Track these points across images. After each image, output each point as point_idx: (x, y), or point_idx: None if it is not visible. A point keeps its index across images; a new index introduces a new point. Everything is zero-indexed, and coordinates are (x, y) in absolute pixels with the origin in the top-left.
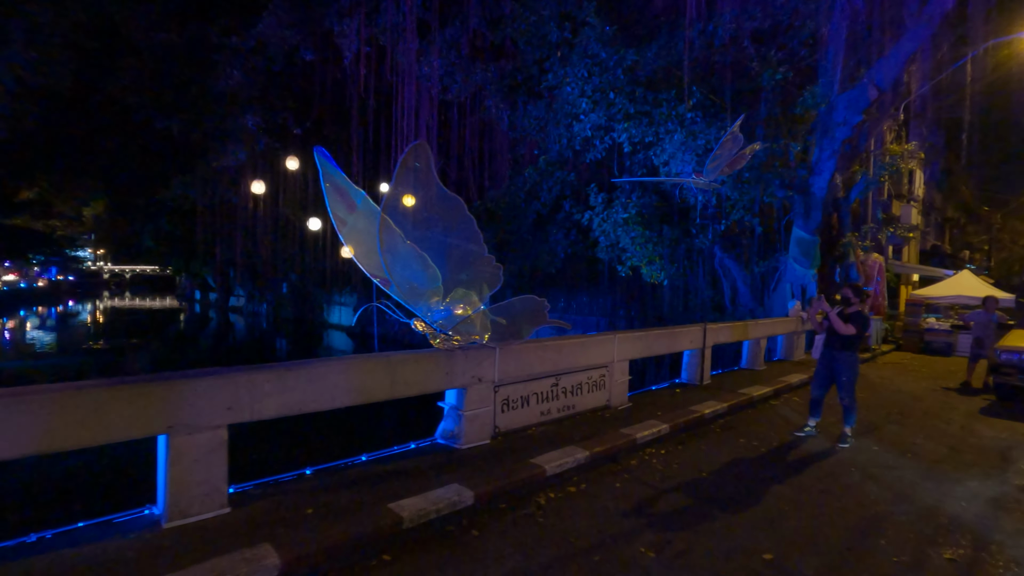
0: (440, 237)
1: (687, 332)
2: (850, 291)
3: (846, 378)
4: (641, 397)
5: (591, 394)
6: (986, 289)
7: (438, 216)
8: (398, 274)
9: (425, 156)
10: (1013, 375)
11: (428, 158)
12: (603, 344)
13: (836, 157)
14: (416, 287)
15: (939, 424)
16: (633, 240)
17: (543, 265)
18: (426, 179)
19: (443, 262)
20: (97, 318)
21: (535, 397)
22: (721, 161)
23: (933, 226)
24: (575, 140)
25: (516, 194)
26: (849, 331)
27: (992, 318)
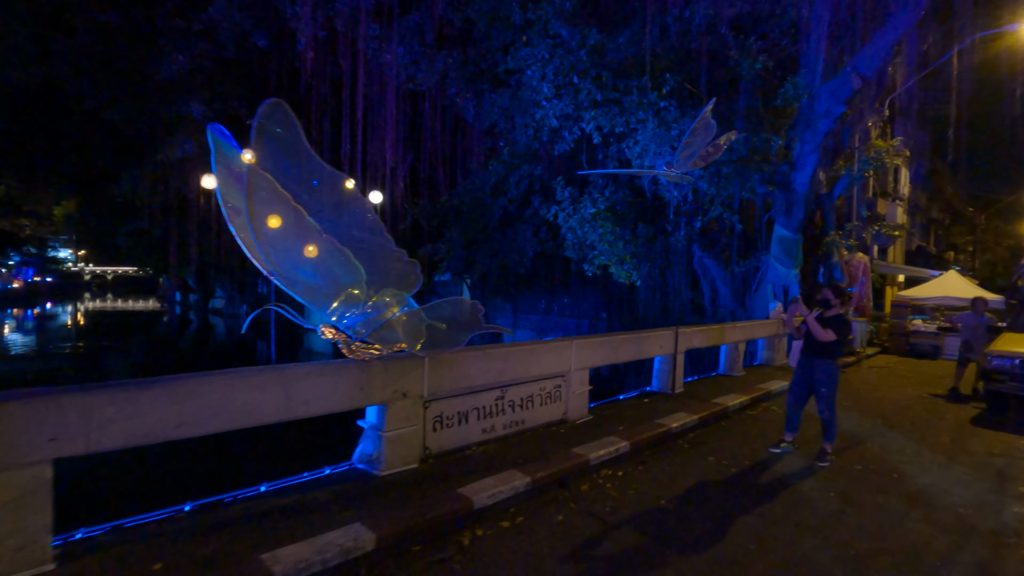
0: (329, 226)
1: (656, 337)
2: (830, 292)
3: (825, 389)
4: (605, 409)
5: (544, 407)
6: (973, 290)
7: (320, 199)
8: (292, 268)
9: (287, 119)
10: (1005, 382)
11: (293, 122)
12: (558, 351)
13: (819, 151)
14: (318, 287)
15: (928, 437)
16: (601, 237)
17: (511, 265)
18: (295, 149)
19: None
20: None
21: (476, 412)
22: (693, 151)
23: (918, 227)
24: (542, 131)
25: (482, 189)
26: (829, 337)
27: (981, 320)
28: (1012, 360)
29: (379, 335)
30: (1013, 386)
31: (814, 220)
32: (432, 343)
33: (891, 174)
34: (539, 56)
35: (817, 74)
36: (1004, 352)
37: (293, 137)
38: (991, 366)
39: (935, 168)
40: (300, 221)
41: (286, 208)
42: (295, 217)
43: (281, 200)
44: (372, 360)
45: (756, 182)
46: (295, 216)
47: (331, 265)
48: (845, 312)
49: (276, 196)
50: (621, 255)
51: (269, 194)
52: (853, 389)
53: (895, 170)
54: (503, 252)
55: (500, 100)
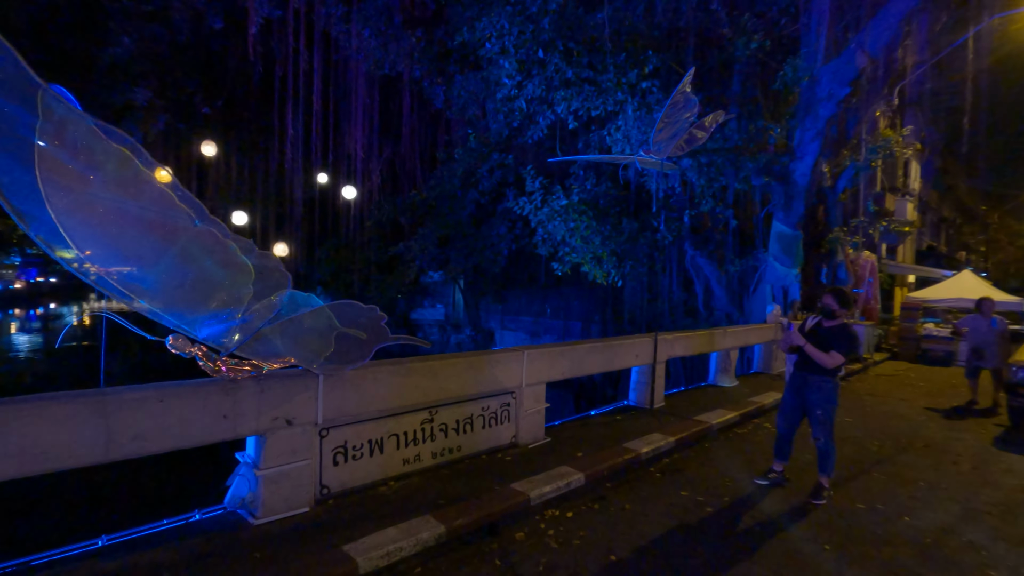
0: (130, 207)
1: (631, 345)
2: (833, 299)
3: (821, 412)
4: (567, 429)
5: (488, 431)
6: (983, 291)
7: (105, 173)
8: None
9: (13, 61)
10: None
11: (21, 66)
12: (504, 364)
13: (820, 138)
14: (181, 286)
15: (944, 464)
16: (572, 232)
17: (485, 263)
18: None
19: (147, 249)
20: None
21: (395, 440)
22: (674, 132)
23: (929, 226)
24: (513, 116)
25: (451, 182)
26: (834, 362)
27: (991, 324)
28: None
29: (253, 347)
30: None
31: (816, 215)
32: (343, 357)
33: (900, 168)
34: (497, 26)
35: (819, 54)
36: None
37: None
38: (1016, 378)
39: (946, 165)
40: (164, 203)
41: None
42: (159, 200)
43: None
44: (242, 380)
45: (752, 173)
46: (160, 199)
47: (204, 261)
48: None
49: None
50: (597, 253)
51: (125, 171)
52: (859, 401)
53: (905, 164)
54: (478, 250)
55: (469, 84)
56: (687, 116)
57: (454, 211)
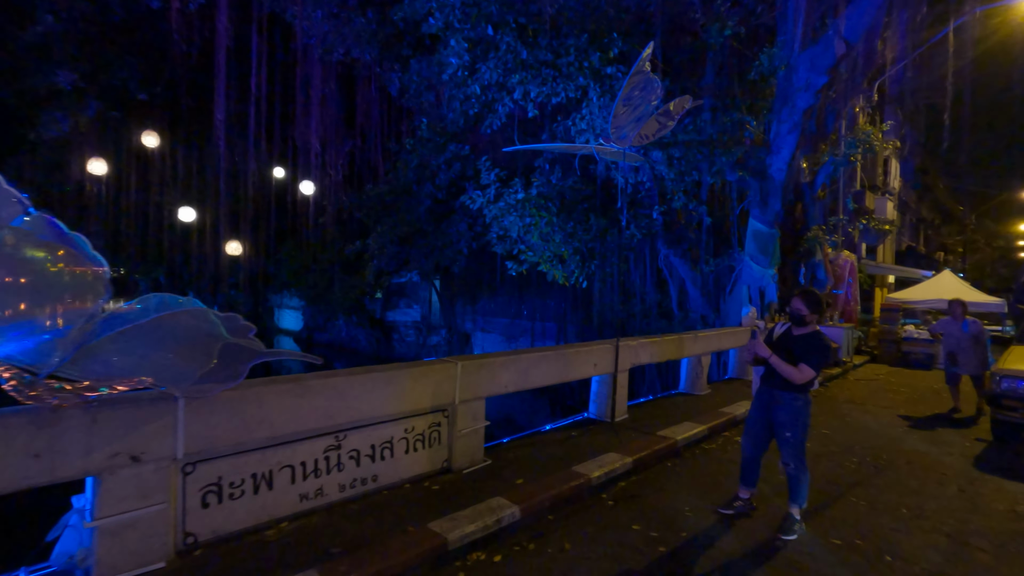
0: None
1: (589, 353)
2: (802, 303)
3: (790, 433)
4: (512, 448)
5: (413, 455)
6: (968, 292)
7: None
8: None
9: None
10: (1018, 409)
11: None
12: (433, 378)
13: (797, 131)
14: None
15: (929, 486)
16: (528, 229)
17: (445, 262)
18: None
19: None
20: None
21: (288, 472)
22: (635, 119)
23: (908, 226)
24: (469, 103)
25: (405, 175)
26: (804, 377)
27: (963, 327)
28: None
29: (84, 366)
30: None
31: (794, 213)
32: (216, 375)
33: (880, 165)
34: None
35: (796, 42)
36: (1017, 372)
37: None
38: (1000, 389)
39: (924, 165)
40: None
41: None
42: None
43: None
44: (67, 409)
45: (726, 167)
46: None
47: None
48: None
49: None
50: (558, 251)
51: None
52: (836, 409)
53: (885, 162)
54: (438, 248)
55: (424, 69)
56: (649, 100)
57: (410, 207)
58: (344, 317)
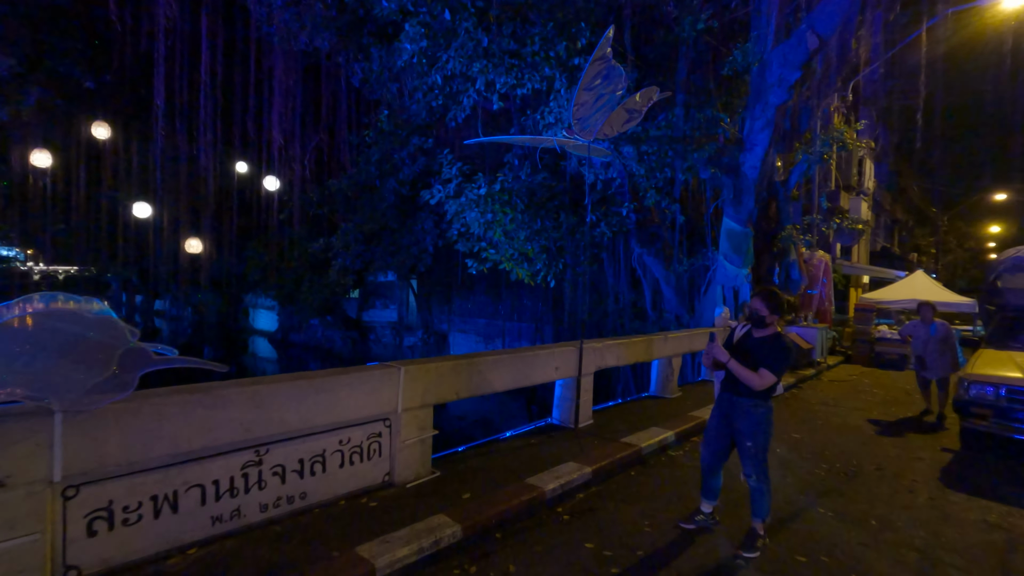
0: None
1: (550, 356)
2: (762, 302)
3: (752, 443)
4: (465, 458)
5: (350, 469)
6: (941, 293)
7: None
8: None
9: None
10: (987, 417)
11: None
12: (372, 385)
13: (771, 127)
14: None
15: (899, 494)
16: (490, 226)
17: (411, 261)
18: None
19: None
20: None
21: (198, 493)
22: (598, 109)
23: (883, 227)
24: (432, 95)
25: (367, 169)
26: (763, 383)
27: (931, 330)
28: (997, 388)
29: None
30: (1001, 425)
31: (768, 212)
32: (112, 383)
33: (855, 166)
34: None
35: (769, 37)
36: (985, 377)
37: None
38: (968, 396)
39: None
40: None
41: None
42: None
43: None
44: None
45: (698, 164)
46: None
47: None
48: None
49: None
50: (522, 249)
51: None
52: (809, 411)
53: (860, 162)
54: (403, 246)
55: (386, 58)
56: (614, 90)
57: (374, 203)
58: (320, 318)
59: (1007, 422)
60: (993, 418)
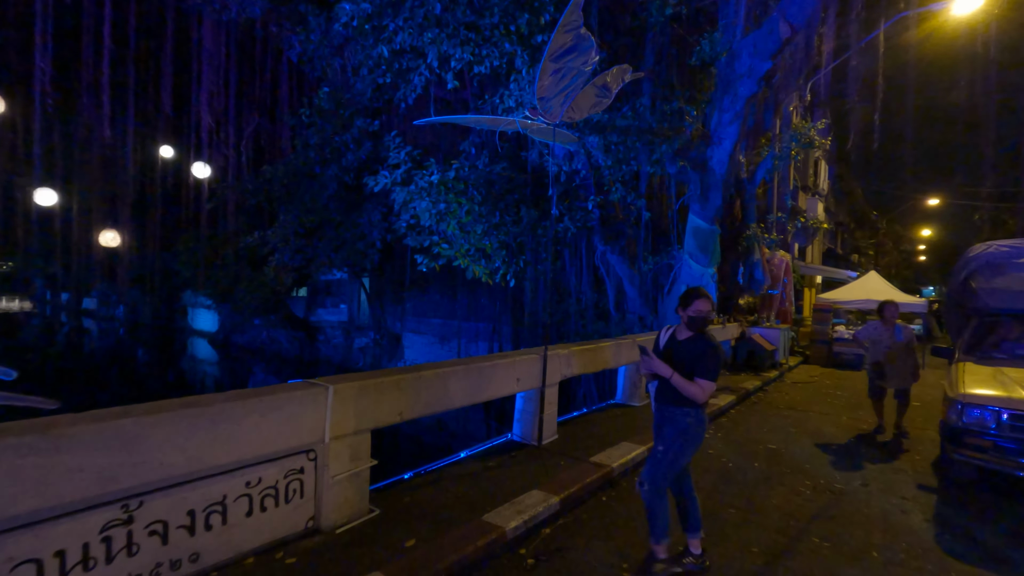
0: None
1: (510, 365)
2: (707, 303)
3: (662, 448)
4: (411, 489)
5: (260, 517)
6: (889, 292)
7: None
8: None
9: None
10: (988, 449)
11: None
12: (289, 409)
13: (739, 121)
14: None
15: (895, 516)
16: (443, 217)
17: (356, 257)
18: None
19: None
20: None
21: (29, 571)
22: (565, 87)
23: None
24: (379, 71)
25: (304, 154)
26: (699, 396)
27: (895, 334)
28: (1000, 412)
29: None
30: (999, 456)
31: (733, 210)
32: None
33: (811, 166)
34: None
35: (738, 26)
36: (986, 399)
37: None
38: (963, 421)
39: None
40: None
41: None
42: None
43: None
44: None
45: (666, 156)
46: None
47: None
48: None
49: None
50: (479, 244)
51: None
52: (780, 418)
53: (815, 163)
54: (348, 241)
55: (328, 30)
56: (582, 64)
57: (314, 192)
58: (264, 318)
59: (1014, 457)
60: (995, 449)
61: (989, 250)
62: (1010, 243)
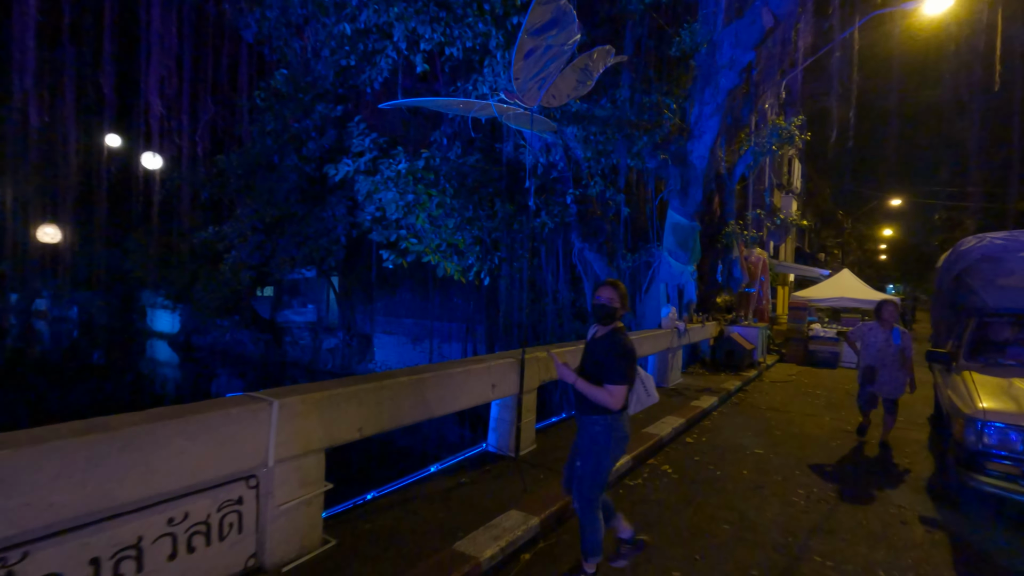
0: None
1: (486, 371)
2: (614, 291)
3: (580, 463)
4: (377, 511)
5: (188, 559)
6: (863, 291)
7: None
8: None
9: None
10: (1016, 474)
11: None
12: (223, 430)
13: (720, 114)
14: None
15: (894, 529)
16: (411, 209)
17: (320, 254)
18: None
19: None
20: None
21: None
22: (543, 67)
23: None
24: (343, 52)
25: (262, 141)
26: (610, 402)
27: (893, 337)
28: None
29: None
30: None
31: (712, 206)
32: None
33: (786, 164)
34: None
35: (719, 14)
36: (1015, 416)
37: None
38: (985, 443)
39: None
40: None
41: None
42: None
43: None
44: None
45: (646, 149)
46: None
47: None
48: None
49: None
50: (451, 239)
51: None
52: (763, 420)
53: (789, 161)
54: (311, 237)
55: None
56: (563, 41)
57: (272, 184)
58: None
59: None
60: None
61: (983, 243)
62: (1004, 235)
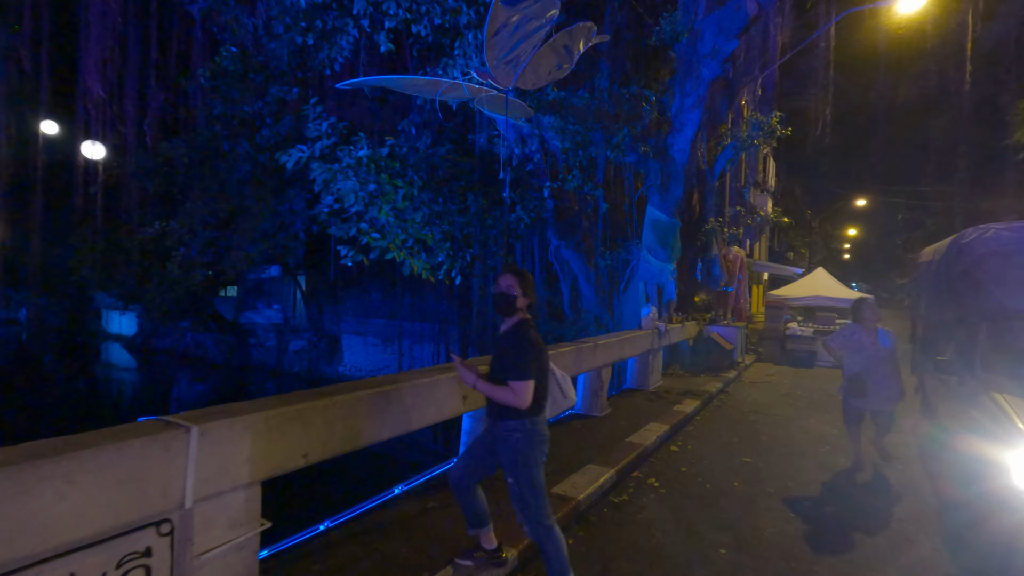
0: None
1: (454, 380)
2: (515, 279)
3: (512, 479)
4: (326, 548)
5: None
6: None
7: None
8: None
9: None
10: None
11: None
12: (122, 466)
13: (702, 106)
14: None
15: (900, 547)
16: (374, 200)
17: (276, 251)
18: None
19: None
20: None
21: None
22: (516, 43)
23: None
24: (299, 27)
25: (208, 128)
26: (513, 401)
27: (880, 340)
28: None
29: None
30: None
31: (691, 203)
32: None
33: (761, 162)
34: None
35: (701, 2)
36: None
37: None
38: None
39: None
40: None
41: None
42: None
43: None
44: None
45: (625, 142)
46: None
47: None
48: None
49: None
50: (418, 234)
51: None
52: (748, 424)
53: (765, 159)
54: (269, 233)
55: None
56: (541, 13)
57: (221, 175)
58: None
59: None
60: None
61: (988, 235)
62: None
